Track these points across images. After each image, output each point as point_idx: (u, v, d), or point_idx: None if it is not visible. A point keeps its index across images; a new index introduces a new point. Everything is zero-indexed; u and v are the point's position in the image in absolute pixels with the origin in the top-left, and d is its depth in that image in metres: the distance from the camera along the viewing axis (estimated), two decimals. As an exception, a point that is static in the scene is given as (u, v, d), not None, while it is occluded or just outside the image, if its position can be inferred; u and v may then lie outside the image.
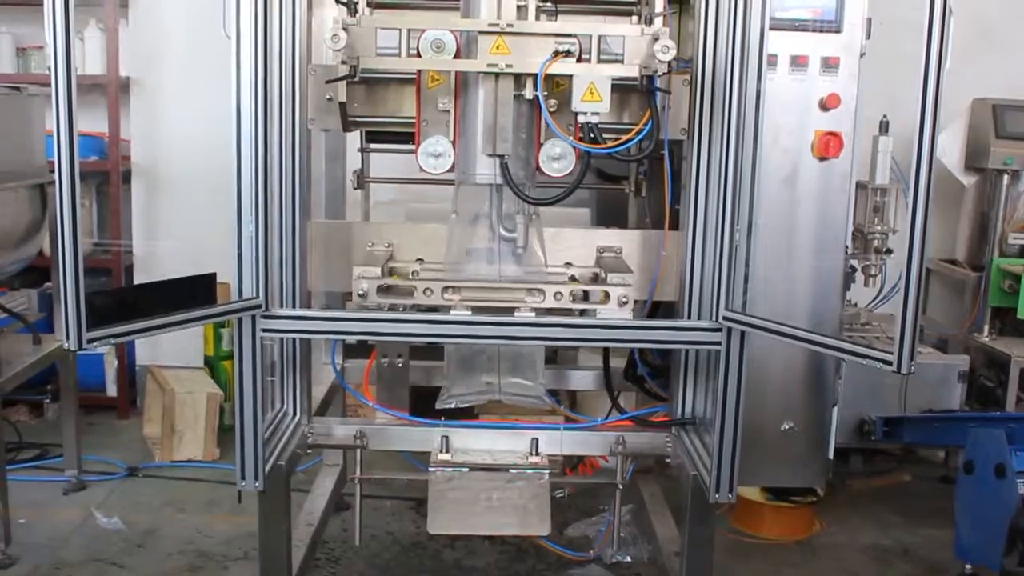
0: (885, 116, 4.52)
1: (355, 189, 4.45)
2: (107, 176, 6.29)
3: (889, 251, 4.74)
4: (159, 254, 6.43)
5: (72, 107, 2.59)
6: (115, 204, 6.31)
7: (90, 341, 2.71)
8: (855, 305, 5.29)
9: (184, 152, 6.30)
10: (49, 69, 2.60)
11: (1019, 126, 5.85)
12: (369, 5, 3.84)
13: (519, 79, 3.25)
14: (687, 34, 3.68)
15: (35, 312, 5.68)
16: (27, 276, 5.85)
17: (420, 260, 3.65)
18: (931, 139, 2.64)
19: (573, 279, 3.57)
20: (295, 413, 3.71)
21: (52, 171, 2.66)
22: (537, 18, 3.34)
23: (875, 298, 4.99)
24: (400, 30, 3.20)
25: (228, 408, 5.97)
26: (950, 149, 6.00)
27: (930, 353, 5.67)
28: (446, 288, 3.26)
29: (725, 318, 3.20)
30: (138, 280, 6.42)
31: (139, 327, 2.88)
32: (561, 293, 3.26)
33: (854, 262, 4.32)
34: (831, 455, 3.78)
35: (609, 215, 4.82)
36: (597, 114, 3.19)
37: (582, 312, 3.29)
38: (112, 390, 6.54)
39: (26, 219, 4.86)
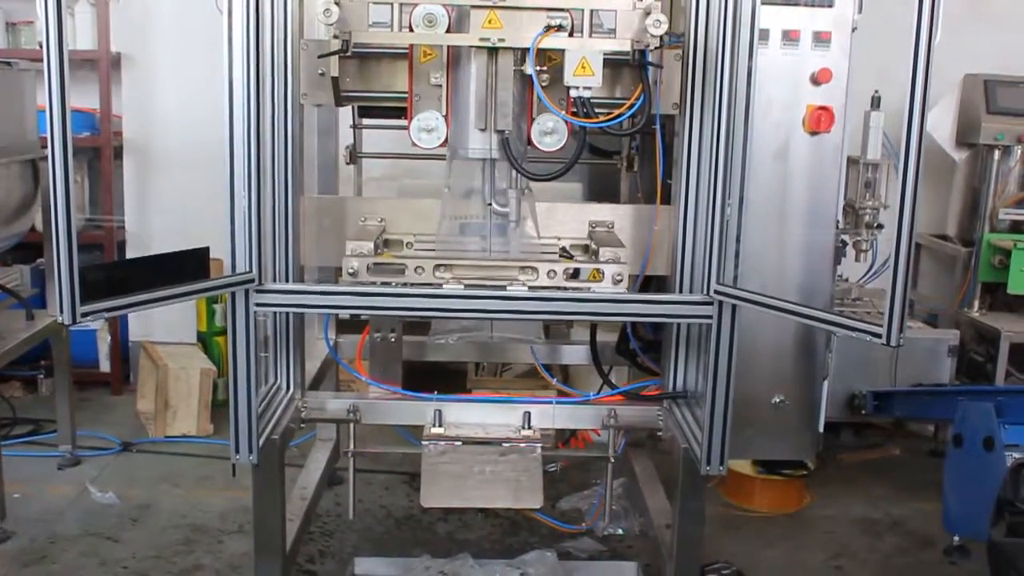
0: (877, 91, 4.53)
1: (347, 164, 4.45)
2: (99, 152, 6.28)
3: (880, 226, 4.76)
4: (151, 230, 6.42)
5: (64, 83, 2.58)
6: (107, 180, 6.31)
7: (84, 315, 2.71)
8: (846, 280, 5.32)
9: (176, 127, 6.29)
10: (40, 44, 2.59)
11: (1010, 101, 5.86)
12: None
13: (512, 53, 3.25)
14: (679, 8, 3.67)
15: (28, 288, 5.67)
16: (19, 252, 5.83)
17: (413, 235, 3.66)
18: (921, 114, 2.65)
19: (564, 251, 3.58)
20: (288, 387, 3.72)
21: (44, 147, 2.66)
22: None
23: (866, 273, 5.02)
24: (392, 4, 3.20)
25: (221, 384, 6.00)
26: (941, 124, 6.01)
27: (920, 328, 5.71)
28: (438, 266, 3.27)
29: (716, 292, 3.22)
30: (131, 255, 6.40)
31: (132, 301, 2.89)
32: (555, 271, 3.27)
33: (845, 237, 4.35)
34: (822, 428, 3.81)
35: (601, 190, 4.83)
36: (589, 88, 3.19)
37: (575, 288, 3.30)
38: (105, 366, 6.55)
39: (18, 195, 4.85)
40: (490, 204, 3.41)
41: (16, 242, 5.16)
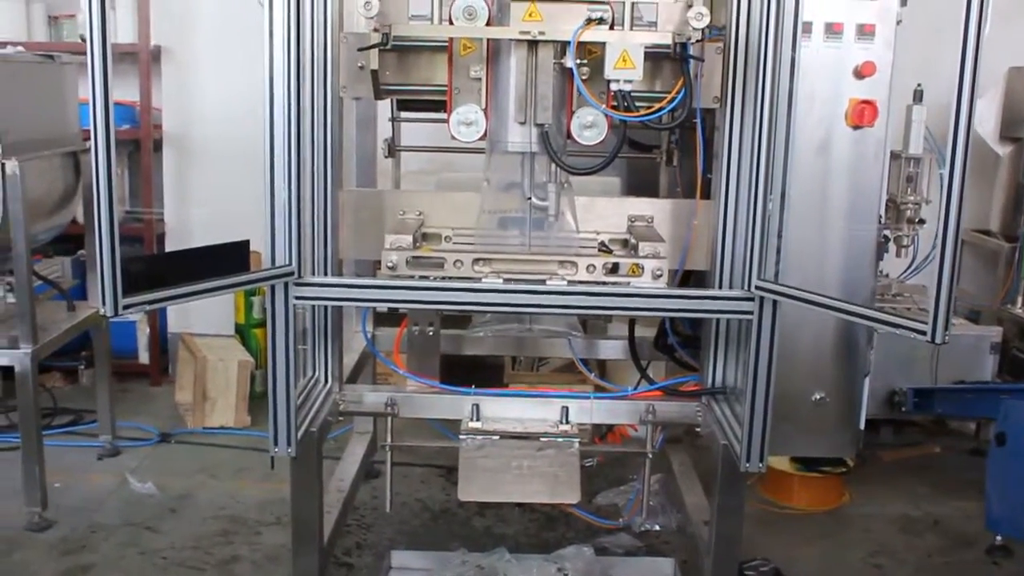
0: (919, 85, 4.48)
1: (386, 158, 4.46)
2: (139, 144, 6.34)
3: (922, 221, 4.72)
4: (191, 222, 6.46)
5: (108, 77, 2.61)
6: (147, 172, 6.36)
7: (126, 307, 2.73)
8: (887, 276, 5.26)
9: (215, 120, 6.32)
10: (82, 38, 2.62)
11: (1056, 95, 5.79)
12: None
13: (552, 46, 3.23)
14: (720, 1, 3.65)
15: (69, 280, 5.75)
16: (60, 244, 5.89)
17: (451, 228, 3.65)
18: (969, 108, 2.59)
19: (603, 245, 3.56)
20: (327, 380, 3.73)
21: (86, 139, 2.67)
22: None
23: (907, 269, 4.96)
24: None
25: (259, 376, 6.03)
26: (985, 118, 5.94)
27: (962, 324, 5.64)
28: (477, 260, 3.26)
29: (757, 287, 3.19)
30: (170, 247, 6.46)
31: (173, 294, 2.90)
32: (594, 266, 3.25)
33: (887, 232, 4.30)
34: (862, 426, 3.77)
35: (639, 184, 4.80)
36: (630, 82, 3.17)
37: (614, 283, 3.28)
38: (144, 357, 6.60)
39: (60, 187, 4.89)
40: (529, 198, 3.39)
41: (58, 233, 5.21)
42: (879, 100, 3.48)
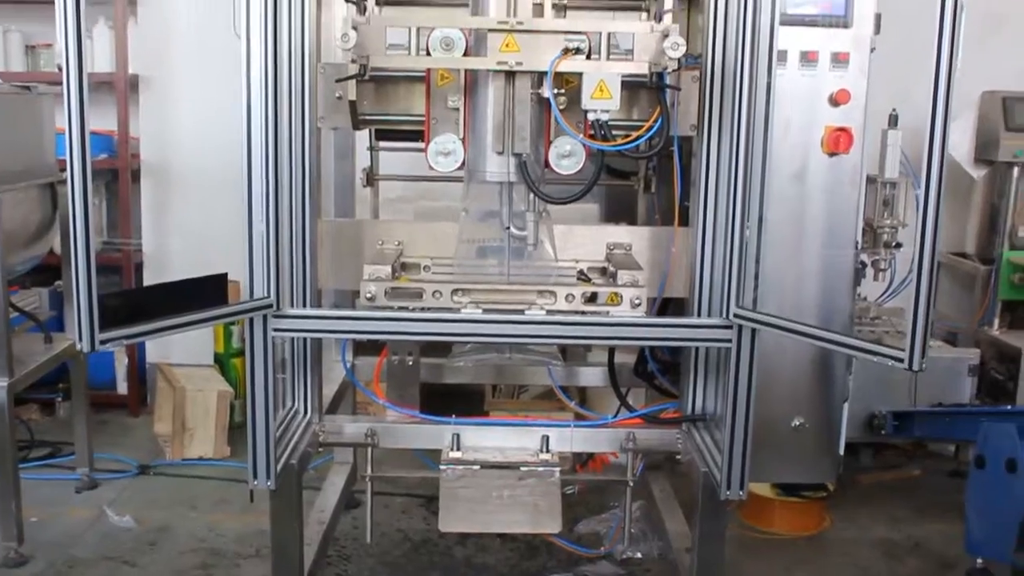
0: (894, 110, 4.52)
1: (364, 187, 4.45)
2: (116, 174, 6.31)
3: (899, 245, 4.74)
4: (169, 251, 6.44)
5: (84, 107, 2.60)
6: (124, 202, 6.33)
7: (103, 342, 2.72)
8: (864, 299, 5.28)
9: (193, 149, 6.31)
10: (59, 67, 2.60)
11: (1030, 118, 5.84)
12: (378, 3, 3.86)
13: (529, 76, 3.24)
14: (696, 29, 3.68)
15: (46, 311, 5.71)
16: (37, 274, 5.85)
17: (430, 258, 3.65)
18: (943, 133, 2.60)
19: (582, 273, 3.57)
20: (306, 411, 3.71)
21: (62, 170, 2.66)
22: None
23: (885, 291, 4.99)
24: (409, 28, 3.20)
25: (238, 405, 6.00)
26: (959, 141, 5.98)
27: (940, 346, 5.67)
28: (456, 290, 3.26)
29: (736, 315, 3.20)
30: (148, 277, 6.43)
31: (151, 328, 2.89)
32: (573, 295, 3.26)
33: (864, 257, 4.32)
34: (842, 452, 3.78)
35: (617, 210, 4.82)
36: (607, 112, 3.18)
37: (593, 312, 3.28)
38: (123, 388, 6.56)
39: (36, 218, 4.86)
40: (508, 228, 3.40)
41: (34, 265, 5.17)
42: (854, 127, 3.51)
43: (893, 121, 4.55)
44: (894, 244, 4.77)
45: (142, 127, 6.50)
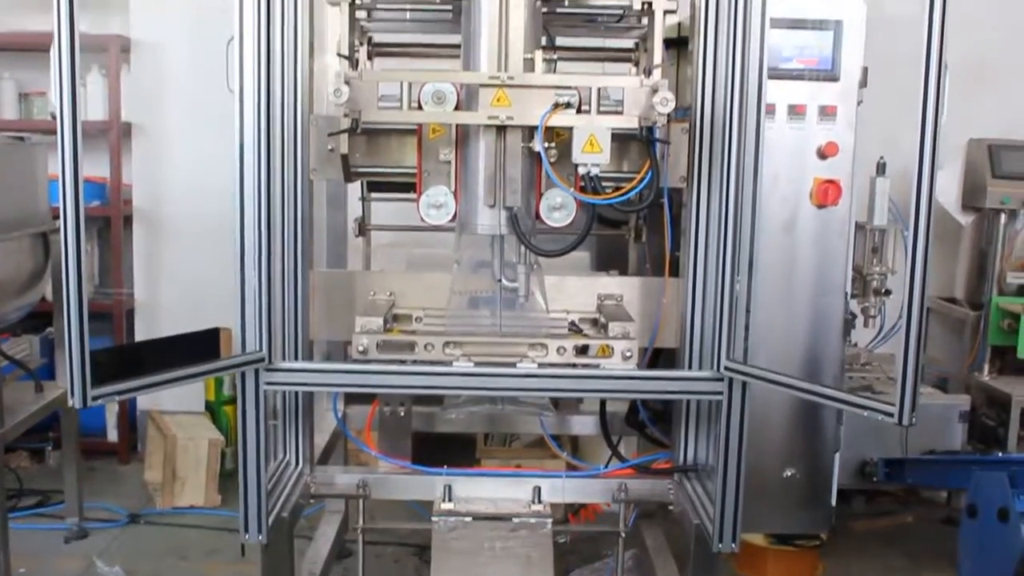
0: (882, 158, 4.57)
1: (356, 237, 4.47)
2: (109, 220, 6.32)
3: (888, 292, 4.76)
4: (160, 298, 6.44)
5: (78, 159, 2.62)
6: (116, 250, 6.33)
7: (95, 398, 2.72)
8: (855, 345, 5.30)
9: (186, 196, 6.32)
10: (52, 116, 2.63)
11: (1015, 165, 5.88)
12: (370, 56, 3.89)
13: (520, 130, 3.27)
14: (685, 79, 3.71)
15: (36, 359, 5.68)
16: (28, 320, 5.84)
17: (422, 309, 3.66)
18: (930, 183, 2.62)
19: (573, 324, 3.58)
20: (297, 463, 3.70)
21: (55, 217, 2.68)
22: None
23: (875, 337, 5.01)
24: (401, 82, 3.23)
25: (229, 453, 5.97)
26: (947, 188, 6.02)
27: (931, 393, 5.66)
28: (447, 343, 3.27)
29: (727, 368, 3.21)
30: (140, 324, 6.43)
31: (143, 383, 2.90)
32: (564, 348, 3.26)
33: (854, 305, 4.34)
34: (834, 502, 3.78)
35: (608, 258, 4.84)
36: (598, 165, 3.20)
37: (585, 364, 3.30)
38: (113, 435, 6.54)
39: (28, 267, 4.87)
40: (499, 280, 3.41)
41: (26, 313, 5.17)
42: (843, 179, 3.55)
43: (881, 169, 4.59)
44: (883, 291, 4.79)
45: (135, 174, 6.53)
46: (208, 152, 4.86)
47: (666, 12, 3.32)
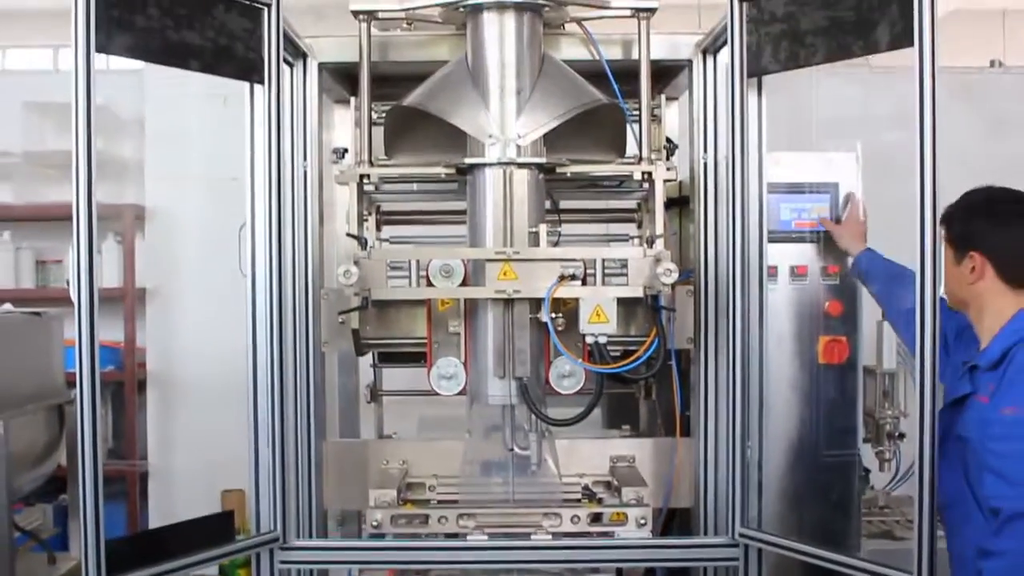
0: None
1: (368, 403, 4.50)
2: (122, 385, 6.37)
3: (902, 435, 4.74)
4: (174, 463, 6.43)
5: (94, 333, 2.70)
6: (131, 413, 6.36)
7: (111, 588, 2.73)
8: (872, 488, 5.26)
9: (200, 361, 6.35)
10: (67, 283, 2.70)
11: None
12: (379, 225, 3.98)
13: (527, 302, 3.33)
14: (688, 236, 3.79)
15: (50, 527, 5.65)
16: (42, 485, 5.83)
17: (435, 476, 3.67)
18: (932, 327, 2.67)
19: (587, 489, 3.58)
20: (314, 631, 3.68)
21: (71, 384, 2.74)
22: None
23: (892, 480, 4.96)
24: (409, 260, 3.32)
25: (244, 616, 5.89)
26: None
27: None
28: (461, 515, 3.28)
29: (741, 535, 3.20)
30: (153, 489, 6.42)
31: (159, 571, 2.90)
32: (578, 516, 3.27)
33: (868, 450, 4.33)
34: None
35: (620, 412, 4.84)
36: (605, 335, 3.25)
37: (600, 532, 3.30)
38: (126, 601, 6.44)
39: (43, 440, 4.89)
40: (511, 449, 3.43)
41: (40, 484, 5.17)
42: (848, 337, 3.59)
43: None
44: (897, 435, 4.77)
45: (148, 338, 6.58)
46: (221, 316, 4.94)
47: (666, 181, 3.42)
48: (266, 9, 3.21)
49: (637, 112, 3.53)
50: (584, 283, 3.29)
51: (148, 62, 3.12)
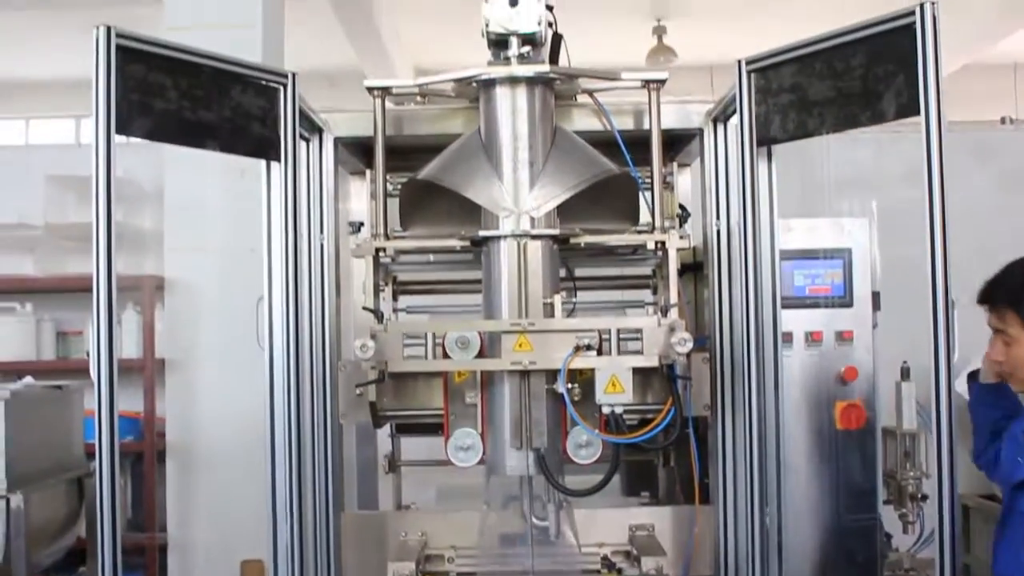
0: (905, 362, 4.56)
1: (387, 473, 4.50)
2: (142, 455, 6.38)
3: (924, 497, 4.70)
4: (193, 534, 6.41)
5: (114, 410, 2.72)
6: (150, 485, 6.37)
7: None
8: (896, 550, 5.20)
9: (219, 431, 6.34)
10: (87, 354, 2.72)
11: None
12: (395, 296, 4.01)
13: (544, 373, 3.33)
14: (703, 301, 3.80)
15: (71, 603, 5.67)
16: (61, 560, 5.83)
17: (454, 547, 3.66)
18: (947, 384, 2.68)
19: (606, 559, 3.56)
20: None
21: (90, 455, 2.75)
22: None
23: (916, 541, 4.91)
24: (426, 333, 3.34)
25: None
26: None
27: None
28: (480, 590, 3.27)
29: (763, 604, 3.18)
30: (172, 561, 6.39)
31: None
32: (597, 589, 3.26)
33: (890, 512, 4.29)
34: None
35: (639, 478, 4.83)
36: (621, 405, 3.26)
37: (619, 605, 3.28)
38: None
39: (63, 513, 4.92)
40: (530, 521, 3.42)
41: (59, 557, 5.18)
42: (865, 402, 3.58)
43: (905, 374, 4.58)
44: (919, 496, 4.73)
45: (168, 409, 6.59)
46: (241, 387, 4.96)
47: (679, 249, 3.43)
48: (282, 88, 3.26)
49: (649, 180, 3.55)
50: (600, 352, 3.29)
51: (166, 143, 3.16)
